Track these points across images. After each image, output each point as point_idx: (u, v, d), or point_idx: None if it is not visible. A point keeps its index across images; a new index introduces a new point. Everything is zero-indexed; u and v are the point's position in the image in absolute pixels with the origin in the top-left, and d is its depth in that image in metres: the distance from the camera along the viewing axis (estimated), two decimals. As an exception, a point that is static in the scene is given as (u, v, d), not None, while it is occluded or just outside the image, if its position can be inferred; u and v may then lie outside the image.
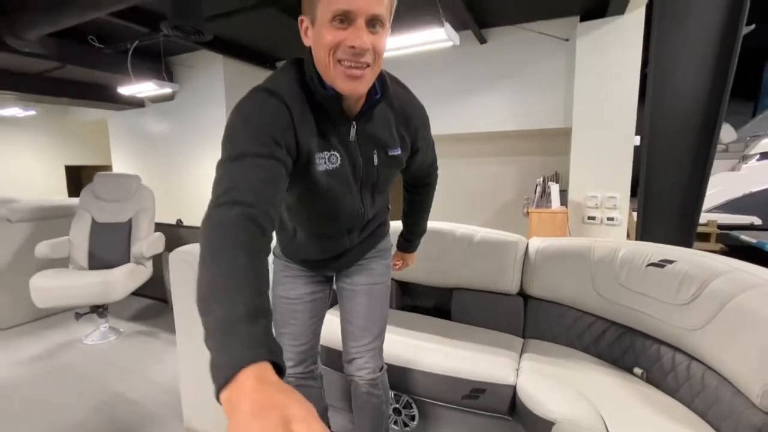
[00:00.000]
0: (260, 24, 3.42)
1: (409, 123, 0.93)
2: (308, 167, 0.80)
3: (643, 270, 1.38)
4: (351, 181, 0.88)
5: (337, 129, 0.82)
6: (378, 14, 0.69)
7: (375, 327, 1.19)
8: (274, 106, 0.72)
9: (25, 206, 2.91)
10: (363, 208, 0.97)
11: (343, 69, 0.71)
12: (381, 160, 0.90)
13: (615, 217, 3.28)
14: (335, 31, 0.69)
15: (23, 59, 3.45)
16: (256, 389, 0.39)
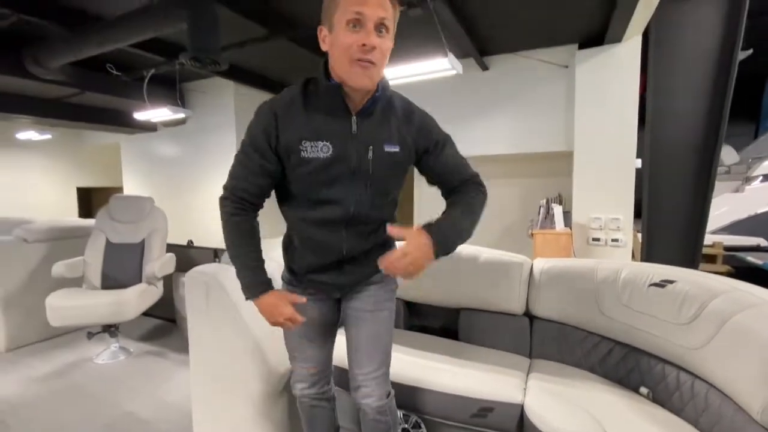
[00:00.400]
0: (270, 52, 3.58)
1: (411, 122, 1.02)
2: (292, 155, 0.95)
3: (645, 290, 1.42)
4: (343, 170, 0.95)
5: (336, 122, 0.94)
6: (384, 18, 0.86)
7: (379, 354, 1.18)
8: (264, 113, 0.96)
9: (41, 227, 3.00)
10: (353, 200, 0.99)
11: (356, 63, 0.87)
12: (376, 154, 0.96)
13: (619, 239, 3.31)
14: (350, 34, 0.85)
15: (42, 85, 3.61)
16: (266, 302, 1.04)
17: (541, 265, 1.81)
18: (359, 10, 0.83)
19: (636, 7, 2.45)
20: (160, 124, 5.12)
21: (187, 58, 2.32)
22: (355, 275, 1.13)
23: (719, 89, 3.01)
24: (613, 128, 3.23)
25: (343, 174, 0.96)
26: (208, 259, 3.00)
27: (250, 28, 2.84)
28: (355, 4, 0.83)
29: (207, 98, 4.69)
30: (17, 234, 2.86)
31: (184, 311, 2.93)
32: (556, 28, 3.14)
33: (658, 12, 2.76)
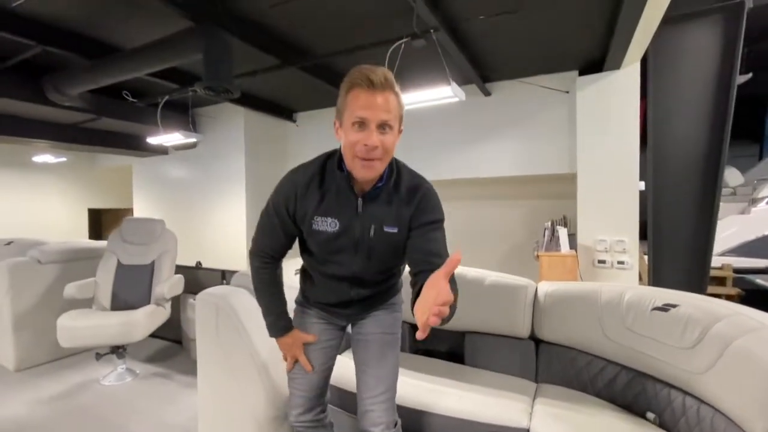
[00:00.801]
0: (281, 80, 3.72)
1: (412, 200, 1.07)
2: (305, 225, 1.09)
3: (648, 314, 1.43)
4: (348, 243, 1.08)
5: (345, 202, 1.06)
6: (385, 120, 0.95)
7: (387, 377, 1.23)
8: (287, 187, 1.10)
9: (54, 248, 3.07)
10: (358, 267, 1.12)
11: (359, 160, 0.97)
12: (376, 233, 1.07)
13: (625, 261, 3.30)
14: (355, 134, 0.96)
15: (60, 111, 3.76)
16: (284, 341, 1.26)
17: (546, 288, 1.82)
18: (363, 115, 0.94)
19: (633, 35, 2.54)
20: (171, 147, 5.26)
21: (201, 86, 2.43)
22: (361, 309, 1.27)
23: (719, 113, 3.06)
24: (616, 151, 3.28)
25: (347, 246, 1.09)
26: (216, 280, 3.04)
27: (262, 58, 2.98)
28: (360, 109, 0.94)
29: (218, 123, 4.84)
30: (32, 255, 2.93)
31: (191, 333, 2.95)
32: (556, 56, 3.24)
33: (655, 39, 2.85)
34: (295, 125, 5.02)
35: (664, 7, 2.25)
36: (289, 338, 1.24)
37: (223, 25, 2.44)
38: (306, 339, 1.25)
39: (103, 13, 2.54)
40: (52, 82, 3.35)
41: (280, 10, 2.45)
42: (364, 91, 0.94)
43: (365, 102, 0.94)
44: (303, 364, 1.24)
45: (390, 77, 0.97)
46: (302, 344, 1.25)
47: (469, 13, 2.49)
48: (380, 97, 0.94)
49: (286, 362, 1.28)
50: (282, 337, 1.25)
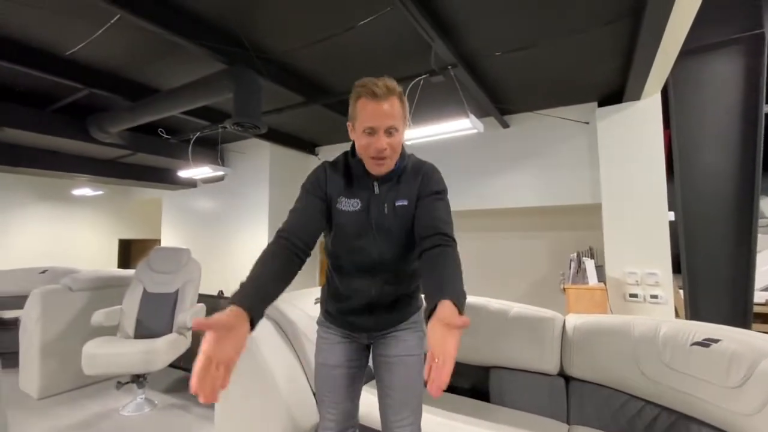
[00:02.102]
0: (305, 116, 3.89)
1: (418, 175, 1.18)
2: (333, 205, 1.17)
3: (687, 349, 1.33)
4: (367, 222, 1.15)
5: (363, 185, 1.17)
6: (392, 125, 1.07)
7: (412, 400, 1.21)
8: (319, 171, 1.20)
9: (85, 276, 3.18)
10: (376, 250, 1.17)
11: (371, 159, 1.10)
12: (390, 209, 1.15)
13: (659, 295, 3.15)
14: (366, 138, 1.07)
15: (100, 147, 4.02)
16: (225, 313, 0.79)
17: (574, 321, 1.74)
18: (371, 124, 1.06)
19: (651, 67, 2.55)
20: (200, 180, 5.49)
21: (231, 123, 2.57)
22: (383, 320, 1.25)
23: (748, 143, 2.98)
24: (641, 182, 3.21)
25: (368, 226, 1.15)
26: (237, 310, 3.05)
27: (288, 96, 3.14)
28: (368, 119, 1.06)
29: (245, 157, 5.05)
30: (64, 283, 3.04)
31: (210, 363, 2.93)
32: (574, 88, 3.28)
33: (675, 69, 2.86)
34: (317, 158, 5.18)
35: (681, 40, 2.27)
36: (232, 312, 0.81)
37: (253, 67, 2.60)
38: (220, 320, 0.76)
39: (145, 58, 2.77)
40: (96, 121, 3.62)
41: (305, 52, 2.61)
42: (370, 101, 1.05)
43: (372, 112, 1.05)
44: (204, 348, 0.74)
45: (391, 85, 1.07)
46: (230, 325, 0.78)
47: (486, 50, 2.57)
48: (385, 105, 1.05)
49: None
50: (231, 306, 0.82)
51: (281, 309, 1.91)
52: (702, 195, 3.16)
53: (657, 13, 1.92)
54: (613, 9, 2.14)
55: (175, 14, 2.18)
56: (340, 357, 1.25)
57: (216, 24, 2.33)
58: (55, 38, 2.49)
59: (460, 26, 2.32)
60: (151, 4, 2.07)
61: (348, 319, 1.26)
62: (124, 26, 2.25)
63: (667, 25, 2.01)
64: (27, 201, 6.12)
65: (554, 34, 2.38)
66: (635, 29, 2.28)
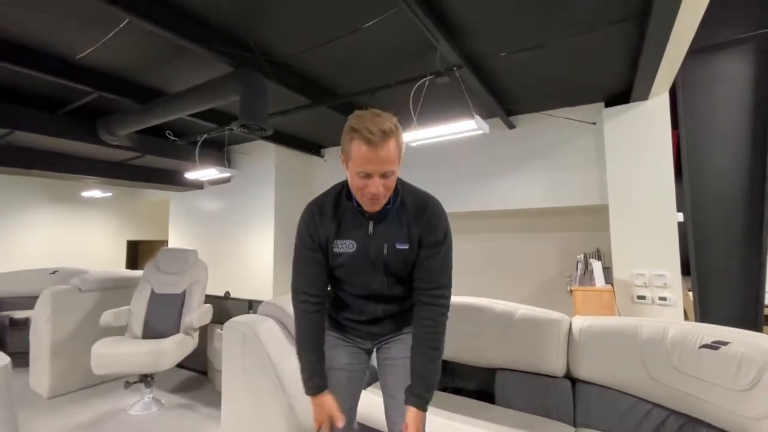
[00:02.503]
0: (310, 118, 3.91)
1: (421, 218, 1.15)
2: (328, 249, 1.18)
3: (696, 352, 1.32)
4: (366, 263, 1.16)
5: (358, 226, 1.15)
6: (387, 171, 1.04)
7: None
8: (308, 218, 1.19)
9: (94, 277, 3.22)
10: (378, 284, 1.19)
11: (366, 199, 1.08)
12: (390, 251, 1.15)
13: (668, 297, 3.11)
14: (360, 180, 1.05)
15: (109, 149, 4.07)
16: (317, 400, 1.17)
17: (581, 323, 1.73)
18: (366, 169, 1.02)
19: (659, 67, 2.53)
20: (207, 182, 5.54)
21: (237, 125, 2.58)
22: (388, 327, 1.29)
23: (758, 141, 2.94)
24: (649, 183, 3.18)
25: (365, 264, 1.17)
26: (243, 310, 3.08)
27: (293, 98, 3.15)
28: (363, 163, 1.01)
29: (251, 159, 5.08)
30: (73, 283, 3.09)
31: (216, 363, 2.96)
32: (581, 88, 3.26)
33: (683, 69, 2.83)
34: (322, 160, 5.20)
35: (689, 39, 2.25)
36: (320, 399, 1.18)
37: (260, 69, 2.62)
38: (334, 411, 1.16)
39: (153, 61, 2.80)
40: (105, 124, 3.66)
41: (310, 54, 2.62)
42: (365, 145, 1.00)
43: (367, 157, 1.01)
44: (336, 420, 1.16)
45: (386, 128, 1.00)
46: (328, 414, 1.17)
47: (492, 51, 2.57)
48: (381, 151, 1.00)
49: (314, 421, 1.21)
50: (317, 395, 1.18)
51: (287, 311, 1.92)
52: (711, 195, 3.12)
53: (664, 12, 1.90)
54: (620, 9, 2.12)
55: (182, 18, 2.20)
56: (341, 360, 1.27)
57: (223, 28, 2.36)
58: (66, 43, 2.53)
59: (466, 27, 2.31)
60: (159, 8, 2.10)
61: (354, 326, 1.29)
62: (133, 30, 2.28)
63: (674, 24, 1.99)
64: (38, 202, 6.21)
65: (560, 35, 2.37)
66: (642, 28, 2.26)
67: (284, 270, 4.86)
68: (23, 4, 2.08)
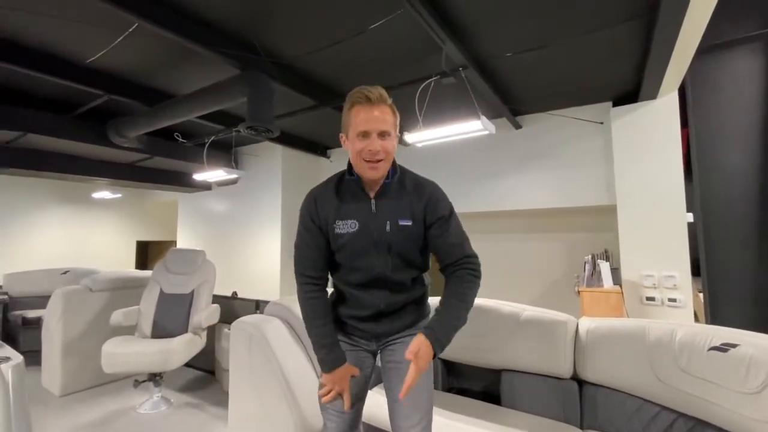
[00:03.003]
0: (315, 119, 3.93)
1: (421, 196, 1.18)
2: (329, 230, 1.19)
3: (704, 354, 1.30)
4: (368, 241, 1.16)
5: (359, 203, 1.18)
6: (384, 130, 1.11)
7: (422, 404, 1.21)
8: (309, 203, 1.23)
9: (105, 277, 3.27)
10: (382, 266, 1.18)
11: (366, 163, 1.12)
12: (392, 228, 1.16)
13: (678, 298, 3.07)
14: (360, 143, 1.11)
15: (119, 151, 4.13)
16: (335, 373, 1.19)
17: (588, 325, 1.72)
18: (365, 128, 1.10)
19: (667, 66, 2.50)
20: (214, 183, 5.59)
21: (244, 127, 2.61)
22: (390, 326, 1.27)
23: (770, 139, 2.89)
24: (658, 182, 3.14)
25: (368, 244, 1.17)
26: (250, 310, 3.10)
27: (299, 100, 3.17)
28: (362, 123, 1.10)
29: (258, 160, 5.12)
30: (84, 283, 3.14)
31: (224, 363, 2.99)
32: (587, 88, 3.23)
33: (692, 67, 2.79)
34: (328, 161, 5.22)
35: (699, 37, 2.23)
36: (339, 371, 1.19)
37: (266, 72, 2.64)
38: (354, 372, 1.22)
39: (161, 64, 2.84)
40: (115, 126, 3.71)
41: (316, 56, 2.64)
42: (363, 107, 1.11)
43: (365, 116, 1.10)
44: (345, 400, 1.19)
45: (384, 93, 1.13)
46: (349, 378, 1.21)
47: (497, 51, 2.56)
48: (377, 111, 1.10)
49: (323, 394, 1.20)
50: (333, 371, 1.19)
51: (294, 311, 1.93)
52: (722, 195, 3.07)
53: (672, 10, 1.88)
54: (627, 7, 2.10)
55: (190, 22, 2.23)
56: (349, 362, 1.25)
57: (230, 31, 2.38)
58: (77, 47, 2.57)
59: (471, 28, 2.31)
60: (167, 12, 2.13)
61: (356, 325, 1.28)
62: (142, 34, 2.31)
63: (683, 22, 1.97)
64: (49, 204, 6.31)
65: (567, 34, 2.36)
66: (650, 27, 2.23)
67: (291, 270, 4.88)
68: (36, 10, 2.13)
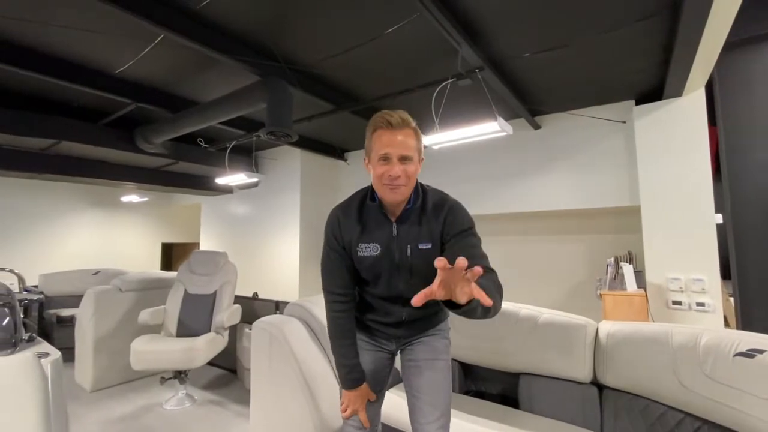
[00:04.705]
0: (333, 123, 3.99)
1: (439, 215, 1.18)
2: (352, 252, 1.21)
3: (730, 360, 1.26)
4: (390, 264, 1.19)
5: (381, 228, 1.19)
6: (405, 155, 1.11)
7: (441, 402, 1.24)
8: (333, 221, 1.24)
9: (133, 278, 3.40)
10: (403, 286, 1.21)
11: (386, 187, 1.13)
12: (413, 252, 1.18)
13: (706, 303, 2.96)
14: (381, 167, 1.12)
15: (146, 157, 4.30)
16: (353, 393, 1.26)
17: (608, 329, 1.69)
18: (386, 152, 1.11)
19: (693, 63, 2.43)
20: (236, 187, 5.73)
21: (265, 132, 2.68)
22: (412, 331, 1.31)
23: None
24: (685, 183, 3.04)
25: (390, 267, 1.20)
26: (270, 311, 3.17)
27: (317, 104, 3.23)
28: (383, 147, 1.12)
29: (277, 164, 5.23)
30: (114, 283, 3.28)
31: (245, 362, 3.07)
32: (608, 87, 3.16)
33: (720, 63, 2.70)
34: (346, 163, 5.28)
35: (726, 32, 2.15)
36: (357, 391, 1.26)
37: (285, 78, 2.71)
38: (370, 396, 1.29)
39: (185, 73, 2.95)
40: (142, 133, 3.87)
41: (333, 62, 2.68)
42: (385, 132, 1.12)
43: (387, 141, 1.11)
44: (362, 420, 1.26)
45: (406, 117, 1.13)
46: (365, 399, 1.28)
47: (514, 51, 2.54)
48: (399, 135, 1.11)
49: (343, 410, 1.28)
50: (352, 389, 1.26)
51: (312, 312, 1.97)
52: (753, 195, 2.95)
53: (697, 3, 1.83)
54: (649, 3, 2.06)
55: (213, 32, 2.32)
56: (367, 365, 1.30)
57: (250, 39, 2.45)
58: (107, 59, 2.70)
59: (487, 29, 2.31)
60: (191, 24, 2.22)
61: (379, 328, 1.32)
62: (167, 45, 2.41)
63: (708, 16, 1.91)
64: (81, 207, 6.61)
65: (587, 33, 2.32)
66: (674, 22, 2.18)
67: (309, 271, 4.96)
68: (70, 25, 2.25)
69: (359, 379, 1.26)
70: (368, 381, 1.30)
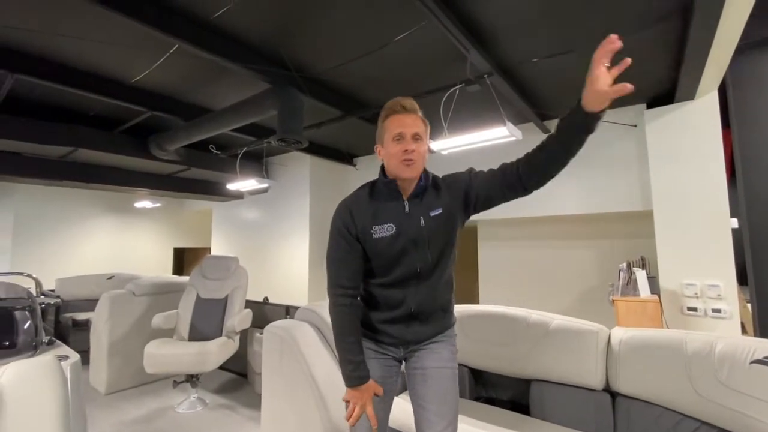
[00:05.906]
0: (342, 129, 4.02)
1: (454, 188, 1.25)
2: (366, 238, 1.24)
3: (746, 367, 1.24)
4: (407, 242, 1.21)
5: (394, 206, 1.24)
6: (417, 132, 1.21)
7: (448, 412, 1.22)
8: (342, 210, 1.28)
9: (147, 282, 3.46)
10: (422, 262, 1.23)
11: (401, 162, 1.19)
12: (426, 221, 1.23)
13: (722, 309, 2.90)
14: (396, 145, 1.20)
15: (159, 163, 4.38)
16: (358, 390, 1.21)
17: (621, 335, 1.67)
18: (400, 131, 1.20)
19: (705, 65, 2.40)
20: (246, 192, 5.80)
21: (275, 139, 2.72)
22: (419, 333, 1.28)
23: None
24: (698, 187, 3.00)
25: (407, 243, 1.22)
26: (281, 315, 3.19)
27: (327, 111, 3.27)
28: (397, 127, 1.21)
29: (287, 170, 5.28)
30: (128, 288, 3.34)
31: (256, 366, 3.09)
32: (619, 91, 3.14)
33: (733, 65, 2.66)
34: (355, 169, 5.31)
35: (738, 33, 2.13)
36: (363, 387, 1.22)
37: (295, 85, 2.75)
38: (377, 390, 1.24)
39: (198, 82, 3.01)
40: (156, 140, 3.95)
41: (342, 69, 2.72)
42: (398, 114, 1.22)
43: (401, 122, 1.21)
44: (370, 416, 1.20)
45: (415, 105, 1.24)
46: (372, 394, 1.23)
47: (523, 57, 2.55)
48: (410, 118, 1.22)
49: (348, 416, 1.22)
50: (357, 387, 1.22)
51: (323, 316, 1.99)
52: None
53: (709, 4, 1.81)
54: (660, 7, 2.05)
55: (225, 42, 2.37)
56: (375, 373, 1.27)
57: (261, 48, 2.50)
58: (123, 69, 2.78)
59: (496, 35, 2.32)
60: (204, 33, 2.27)
61: (388, 329, 1.29)
62: (181, 55, 2.47)
63: (720, 17, 1.89)
64: (96, 213, 6.75)
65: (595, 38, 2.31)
66: (685, 24, 2.16)
67: (319, 276, 4.98)
68: (87, 37, 2.32)
69: (365, 376, 1.22)
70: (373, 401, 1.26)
